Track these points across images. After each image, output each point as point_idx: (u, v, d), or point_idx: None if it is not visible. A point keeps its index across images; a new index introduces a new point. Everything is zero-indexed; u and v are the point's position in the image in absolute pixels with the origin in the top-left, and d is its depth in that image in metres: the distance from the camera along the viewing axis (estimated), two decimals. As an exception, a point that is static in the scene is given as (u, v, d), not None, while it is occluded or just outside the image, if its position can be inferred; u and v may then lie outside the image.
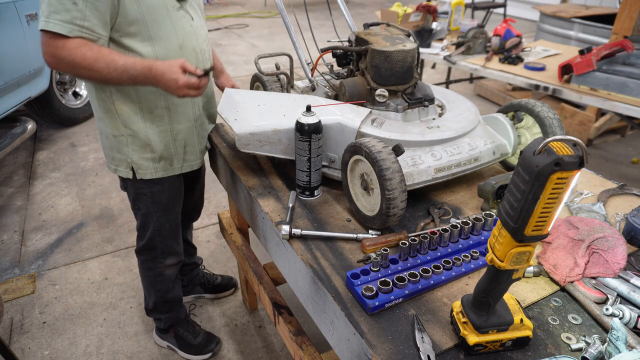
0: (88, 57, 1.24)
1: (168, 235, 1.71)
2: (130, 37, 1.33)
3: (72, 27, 1.21)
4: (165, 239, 1.71)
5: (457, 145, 1.26)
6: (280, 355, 2.00)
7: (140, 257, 1.79)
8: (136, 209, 1.66)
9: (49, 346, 2.03)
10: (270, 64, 1.84)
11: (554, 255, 1.04)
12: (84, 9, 1.21)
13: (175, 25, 1.39)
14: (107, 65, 1.25)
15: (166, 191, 1.61)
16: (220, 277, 2.32)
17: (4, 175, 3.43)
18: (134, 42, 1.34)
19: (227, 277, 2.36)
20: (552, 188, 0.62)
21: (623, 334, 0.79)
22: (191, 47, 1.46)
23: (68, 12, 1.20)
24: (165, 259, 1.76)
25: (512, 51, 3.02)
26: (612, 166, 3.52)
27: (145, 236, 1.70)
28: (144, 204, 1.62)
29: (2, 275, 2.44)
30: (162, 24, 1.36)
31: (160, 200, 1.62)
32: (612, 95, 2.42)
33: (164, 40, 1.38)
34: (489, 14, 5.77)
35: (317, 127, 1.21)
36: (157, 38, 1.36)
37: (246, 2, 10.50)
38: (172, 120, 1.50)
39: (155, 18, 1.34)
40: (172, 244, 1.75)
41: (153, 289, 1.84)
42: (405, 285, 0.94)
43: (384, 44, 1.31)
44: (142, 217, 1.66)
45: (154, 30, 1.35)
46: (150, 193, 1.59)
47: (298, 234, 1.13)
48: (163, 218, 1.66)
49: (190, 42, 1.45)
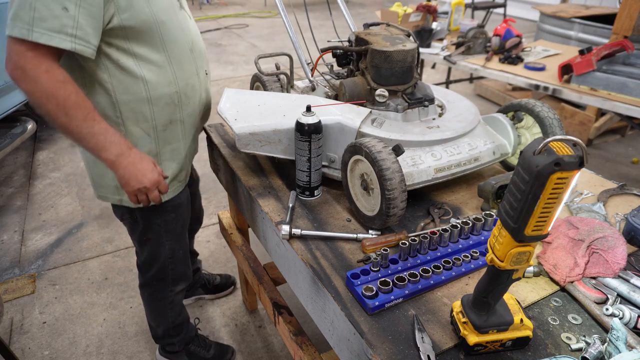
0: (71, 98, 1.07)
1: (181, 262, 1.58)
2: (142, 44, 1.18)
3: (63, 37, 1.03)
4: (177, 267, 1.58)
5: (457, 145, 1.26)
6: (280, 355, 2.00)
7: (147, 291, 1.64)
8: (144, 240, 1.48)
9: (49, 346, 2.03)
10: (270, 64, 1.84)
11: (554, 255, 1.04)
12: (77, 16, 1.03)
13: (182, 26, 1.28)
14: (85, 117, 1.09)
15: (180, 217, 1.48)
16: (219, 277, 2.31)
17: (4, 175, 3.42)
18: (145, 49, 1.20)
19: (226, 275, 2.35)
20: (552, 188, 0.62)
21: (623, 334, 0.79)
22: (199, 50, 1.36)
23: (57, 19, 1.01)
24: (176, 286, 1.62)
25: (512, 51, 3.02)
26: (612, 166, 3.52)
27: (153, 268, 1.55)
28: (155, 234, 1.46)
29: (2, 275, 2.44)
30: (172, 26, 1.24)
31: (174, 229, 1.48)
32: (612, 95, 2.42)
33: (176, 44, 1.25)
34: (489, 14, 5.77)
35: (317, 127, 1.21)
36: (170, 42, 1.24)
37: (246, 2, 10.50)
38: (185, 135, 1.39)
39: (166, 20, 1.21)
40: (184, 270, 1.62)
41: (163, 318, 1.70)
42: (405, 285, 0.94)
43: (384, 44, 1.31)
44: (152, 248, 1.49)
45: (166, 33, 1.22)
46: (163, 222, 1.44)
47: (298, 234, 1.13)
48: (176, 245, 1.52)
49: (197, 44, 1.35)
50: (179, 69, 1.29)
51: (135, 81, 1.21)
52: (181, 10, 1.31)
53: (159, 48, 1.22)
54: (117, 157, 1.15)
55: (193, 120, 1.41)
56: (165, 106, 1.28)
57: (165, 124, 1.31)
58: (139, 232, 1.46)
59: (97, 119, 1.12)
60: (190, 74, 1.33)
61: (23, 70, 1.03)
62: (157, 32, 1.19)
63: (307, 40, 1.72)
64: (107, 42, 1.14)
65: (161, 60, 1.23)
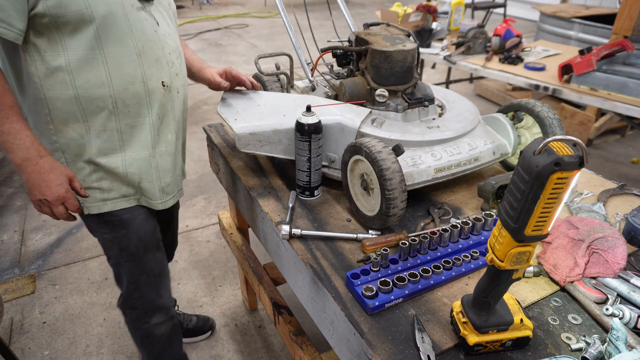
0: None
1: (147, 290, 1.45)
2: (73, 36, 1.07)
3: None
4: (144, 295, 1.45)
5: (457, 145, 1.26)
6: (280, 355, 2.00)
7: (124, 314, 1.53)
8: (106, 252, 1.40)
9: (49, 346, 2.03)
10: (270, 64, 1.84)
11: (554, 255, 1.04)
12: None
13: (133, 27, 1.14)
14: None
15: (133, 236, 1.34)
16: (196, 318, 2.06)
17: (4, 175, 3.42)
18: (76, 43, 1.08)
19: (204, 318, 2.09)
20: (552, 188, 0.62)
21: (623, 334, 0.79)
22: (154, 57, 1.20)
23: None
24: (149, 317, 1.50)
25: (512, 51, 3.02)
26: (612, 166, 3.52)
27: (122, 286, 1.45)
28: (111, 251, 1.37)
29: (2, 275, 2.44)
30: (116, 22, 1.10)
31: (127, 247, 1.34)
32: (612, 95, 2.42)
33: (116, 43, 1.12)
34: (489, 14, 5.77)
35: (317, 127, 1.21)
36: (108, 40, 1.10)
37: (246, 2, 10.50)
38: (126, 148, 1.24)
39: (108, 14, 1.08)
40: (153, 299, 1.48)
41: (145, 351, 1.58)
42: (405, 285, 0.94)
43: (384, 44, 1.31)
44: (114, 267, 1.41)
45: (104, 29, 1.09)
46: (114, 238, 1.33)
47: (298, 234, 1.13)
48: (136, 269, 1.39)
49: (153, 51, 1.20)
50: (116, 72, 1.15)
51: (62, 77, 1.11)
52: (139, 12, 1.16)
53: (92, 44, 1.09)
54: (22, 162, 1.09)
55: (138, 134, 1.24)
56: (97, 109, 1.17)
57: (99, 130, 1.19)
58: (100, 242, 1.38)
59: (11, 117, 1.05)
60: (133, 79, 1.18)
61: None
62: (91, 26, 1.07)
63: (307, 40, 1.72)
64: (36, 30, 1.05)
65: (93, 57, 1.11)
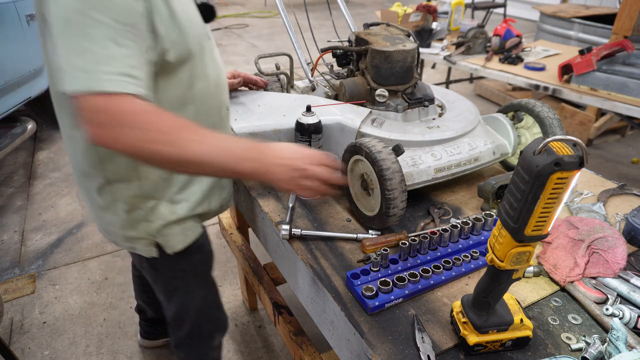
0: (167, 123, 0.82)
1: (214, 307, 1.36)
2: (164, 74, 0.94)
3: (128, 80, 0.79)
4: (211, 314, 1.36)
5: (457, 145, 1.26)
6: (280, 355, 2.00)
7: (182, 351, 1.39)
8: (170, 291, 1.25)
9: (49, 346, 2.03)
10: (270, 64, 1.84)
11: (554, 255, 1.04)
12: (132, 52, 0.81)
13: (210, 58, 1.06)
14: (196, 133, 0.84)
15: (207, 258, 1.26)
16: None
17: (4, 175, 3.42)
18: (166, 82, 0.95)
19: None
20: (552, 188, 0.62)
21: (623, 334, 0.79)
22: (223, 85, 1.13)
23: (118, 60, 0.79)
24: (212, 340, 1.40)
25: (512, 51, 3.02)
26: (612, 166, 3.52)
27: (186, 323, 1.31)
28: (182, 282, 1.23)
29: (2, 275, 2.44)
30: (202, 57, 1.01)
31: (202, 272, 1.26)
32: (612, 95, 2.42)
33: (202, 79, 1.02)
34: (489, 14, 5.76)
35: (317, 127, 1.21)
36: (197, 77, 1.00)
37: (246, 2, 10.50)
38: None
39: (200, 49, 1.00)
40: (219, 316, 1.40)
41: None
42: (405, 285, 0.94)
43: (384, 44, 1.31)
44: (181, 299, 1.26)
45: (195, 66, 0.99)
46: (190, 267, 1.21)
47: (298, 234, 1.13)
48: (206, 289, 1.31)
49: (223, 78, 1.13)
50: (202, 106, 1.06)
51: None
52: (210, 40, 1.09)
53: (188, 83, 0.98)
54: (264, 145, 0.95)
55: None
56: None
57: None
58: (164, 282, 1.24)
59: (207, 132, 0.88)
60: (213, 112, 1.11)
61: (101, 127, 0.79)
62: (187, 65, 0.97)
63: (307, 40, 1.72)
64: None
65: (183, 97, 1.00)
